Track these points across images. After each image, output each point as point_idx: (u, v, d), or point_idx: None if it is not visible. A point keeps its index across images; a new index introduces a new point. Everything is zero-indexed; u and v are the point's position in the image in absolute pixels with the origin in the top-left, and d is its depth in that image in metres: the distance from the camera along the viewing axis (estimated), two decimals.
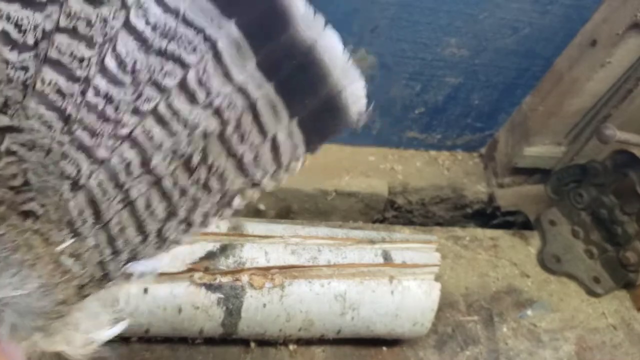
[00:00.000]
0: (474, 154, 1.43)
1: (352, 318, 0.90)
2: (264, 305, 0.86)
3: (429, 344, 1.03)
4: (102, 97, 0.41)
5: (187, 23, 0.41)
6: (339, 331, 0.92)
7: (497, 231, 1.29)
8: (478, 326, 1.09)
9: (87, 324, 0.47)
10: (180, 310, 0.83)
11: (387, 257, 0.93)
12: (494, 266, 1.20)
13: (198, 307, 0.83)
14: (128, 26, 0.40)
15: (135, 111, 0.42)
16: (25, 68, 0.39)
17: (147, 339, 0.89)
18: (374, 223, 1.31)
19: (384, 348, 1.00)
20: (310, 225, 1.09)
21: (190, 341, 0.90)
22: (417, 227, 1.25)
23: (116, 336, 0.84)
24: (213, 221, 0.47)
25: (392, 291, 0.91)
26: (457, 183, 1.35)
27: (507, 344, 1.08)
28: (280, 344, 0.95)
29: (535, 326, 1.12)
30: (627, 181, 1.16)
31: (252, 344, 0.93)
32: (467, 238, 1.24)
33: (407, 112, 1.28)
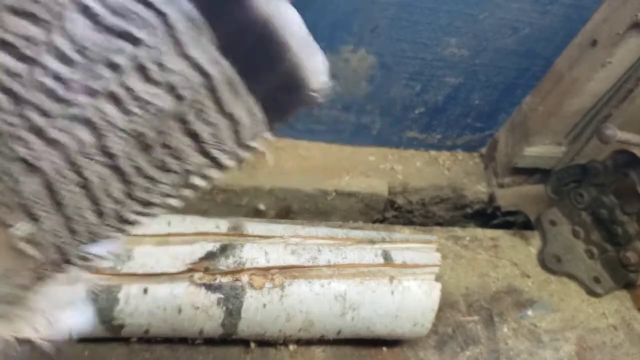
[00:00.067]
0: (474, 154, 1.43)
1: (352, 318, 0.90)
2: (264, 305, 0.86)
3: (429, 344, 1.03)
4: (53, 77, 0.40)
5: None
6: (339, 331, 0.92)
7: (498, 231, 1.29)
8: (478, 326, 1.09)
9: (48, 309, 0.47)
10: (180, 310, 0.83)
11: (387, 257, 0.93)
12: (494, 266, 1.20)
13: (198, 308, 0.83)
14: (77, 3, 0.39)
15: (87, 90, 0.40)
16: None
17: (147, 340, 0.89)
18: (374, 223, 1.31)
19: (384, 348, 1.00)
20: (310, 225, 1.09)
21: (190, 341, 0.90)
22: (417, 227, 1.25)
23: (116, 337, 0.84)
24: (173, 202, 0.46)
25: (393, 291, 0.91)
26: (457, 183, 1.35)
27: (508, 344, 1.08)
28: (280, 345, 0.95)
29: (535, 326, 1.12)
30: (628, 181, 1.16)
31: (252, 345, 0.93)
32: (467, 238, 1.24)
33: (407, 112, 1.28)
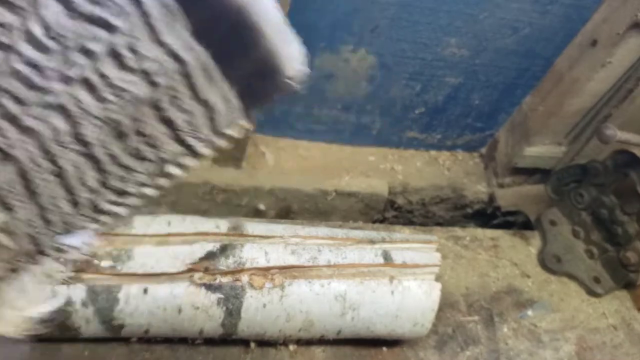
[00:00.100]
0: (474, 154, 1.43)
1: (352, 318, 0.90)
2: (264, 305, 0.86)
3: (430, 345, 1.03)
4: (28, 64, 0.39)
5: None
6: (339, 331, 0.92)
7: (498, 231, 1.29)
8: (478, 326, 1.09)
9: (21, 301, 0.46)
10: (180, 310, 0.83)
11: (387, 257, 0.93)
12: (495, 266, 1.20)
13: (198, 308, 0.83)
14: None
15: (62, 78, 0.40)
16: None
17: (147, 340, 0.89)
18: (374, 223, 1.31)
19: (384, 348, 1.00)
20: (310, 225, 1.08)
21: (190, 341, 0.90)
22: (417, 227, 1.25)
23: (116, 337, 0.85)
24: (148, 191, 0.46)
25: (393, 291, 0.91)
26: (458, 183, 1.35)
27: (508, 344, 1.08)
28: (280, 345, 0.95)
29: (535, 326, 1.12)
30: (628, 181, 1.16)
31: (252, 345, 0.93)
32: (468, 238, 1.24)
33: (407, 112, 1.28)
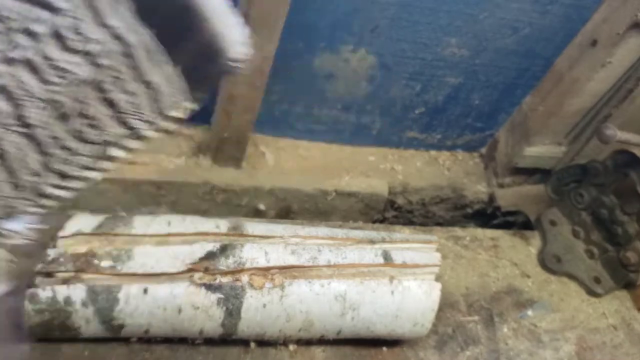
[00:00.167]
0: (474, 154, 1.43)
1: (352, 318, 0.90)
2: (264, 305, 0.86)
3: (430, 344, 1.03)
4: None
5: None
6: (339, 331, 0.92)
7: (498, 231, 1.29)
8: (478, 326, 1.09)
9: None
10: (180, 310, 0.83)
11: (387, 257, 0.93)
12: (495, 266, 1.20)
13: (198, 308, 0.83)
14: None
15: (5, 60, 0.40)
16: None
17: (147, 340, 0.89)
18: (374, 223, 1.31)
19: (384, 348, 1.00)
20: (310, 225, 1.09)
21: (190, 342, 0.90)
22: (417, 227, 1.25)
23: (116, 336, 0.84)
24: (92, 175, 0.46)
25: (393, 291, 0.91)
26: (457, 183, 1.35)
27: (508, 344, 1.08)
28: (280, 345, 0.95)
29: (535, 326, 1.12)
30: (628, 181, 1.16)
31: (252, 345, 0.93)
32: (468, 238, 1.24)
33: (407, 112, 1.28)
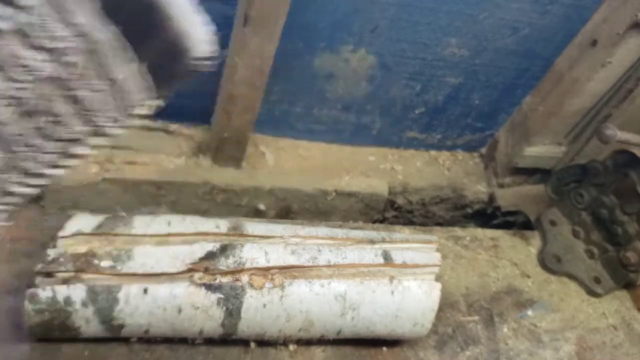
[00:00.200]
0: (474, 154, 1.43)
1: (352, 318, 0.90)
2: (264, 305, 0.86)
3: (430, 344, 1.03)
4: None
5: None
6: (339, 331, 0.92)
7: (498, 231, 1.29)
8: (478, 326, 1.09)
9: None
10: (180, 310, 0.83)
11: (387, 257, 0.93)
12: (495, 266, 1.20)
13: (198, 308, 0.83)
14: None
15: None
16: None
17: (147, 340, 0.89)
18: (374, 223, 1.31)
19: (384, 348, 1.00)
20: (310, 225, 1.09)
21: (190, 342, 0.90)
22: (417, 227, 1.25)
23: (116, 337, 0.85)
24: (55, 172, 0.45)
25: (392, 291, 0.91)
26: (457, 183, 1.35)
27: (508, 344, 1.08)
28: (280, 345, 0.95)
29: (535, 326, 1.12)
30: (628, 181, 1.16)
31: (252, 345, 0.93)
32: (468, 238, 1.24)
33: (407, 112, 1.28)
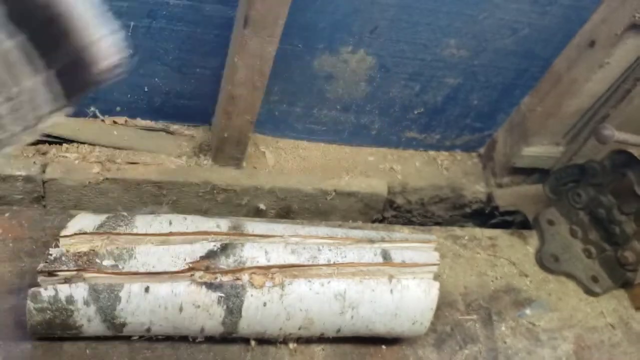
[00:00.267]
0: (473, 154, 1.44)
1: (352, 317, 0.91)
2: (264, 304, 0.86)
3: (428, 343, 1.04)
4: None
5: None
6: (339, 330, 0.93)
7: (496, 230, 1.29)
8: (477, 325, 1.10)
9: None
10: (181, 309, 0.84)
11: (387, 257, 0.94)
12: (493, 265, 1.21)
13: (199, 306, 0.84)
14: None
15: None
16: None
17: (148, 338, 0.90)
18: (374, 222, 1.31)
19: (383, 346, 1.00)
20: (310, 224, 1.09)
21: (191, 340, 0.91)
22: (416, 227, 1.26)
23: (118, 335, 0.85)
24: None
25: (392, 290, 0.92)
26: (456, 183, 1.36)
27: (506, 343, 1.09)
28: (280, 343, 0.95)
29: (533, 325, 1.13)
30: (626, 181, 1.17)
31: (253, 343, 0.94)
32: (466, 237, 1.24)
33: (407, 113, 1.29)
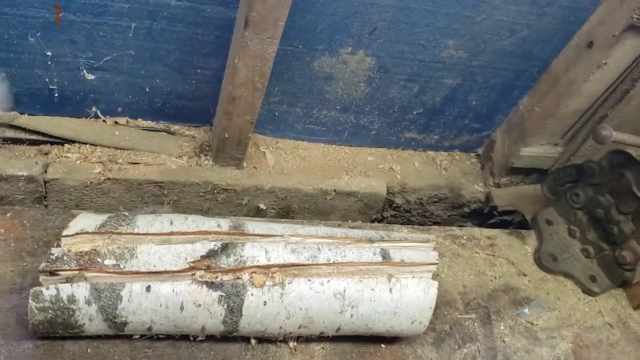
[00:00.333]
0: (472, 154, 1.44)
1: (351, 316, 0.92)
2: (265, 303, 0.87)
3: (427, 341, 1.04)
4: None
5: None
6: (338, 329, 0.93)
7: (494, 230, 1.30)
8: (475, 324, 1.10)
9: None
10: (182, 308, 0.84)
11: (386, 256, 0.94)
12: (491, 265, 1.22)
13: (200, 305, 0.85)
14: None
15: None
16: None
17: (150, 337, 0.90)
18: (373, 222, 1.32)
19: (383, 345, 1.01)
20: (310, 224, 1.10)
21: (192, 339, 0.91)
22: (415, 226, 1.26)
23: (119, 334, 0.86)
24: None
25: (391, 289, 0.92)
26: (455, 183, 1.37)
27: (505, 342, 1.09)
28: (280, 342, 0.96)
29: (532, 324, 1.14)
30: (623, 181, 1.17)
31: (253, 342, 0.95)
32: (465, 237, 1.25)
33: (406, 113, 1.29)
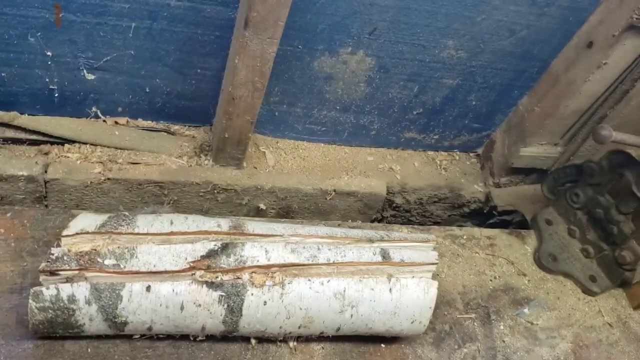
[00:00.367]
0: (471, 154, 1.44)
1: (351, 315, 0.92)
2: (265, 302, 0.87)
3: (427, 341, 1.05)
4: None
5: None
6: (338, 328, 0.93)
7: (494, 230, 1.30)
8: (475, 324, 1.10)
9: None
10: (182, 307, 0.85)
11: (386, 256, 0.94)
12: (491, 265, 1.22)
13: (200, 305, 0.85)
14: None
15: None
16: None
17: (150, 337, 0.90)
18: (373, 222, 1.32)
19: (383, 345, 1.01)
20: (310, 224, 1.10)
21: (192, 338, 0.92)
22: (415, 226, 1.26)
23: (119, 334, 0.86)
24: None
25: (391, 289, 0.92)
26: (455, 183, 1.37)
27: (504, 342, 1.09)
28: (280, 341, 0.96)
29: (532, 324, 1.14)
30: (623, 181, 1.17)
31: (253, 341, 0.95)
32: (465, 237, 1.25)
33: (405, 113, 1.29)
